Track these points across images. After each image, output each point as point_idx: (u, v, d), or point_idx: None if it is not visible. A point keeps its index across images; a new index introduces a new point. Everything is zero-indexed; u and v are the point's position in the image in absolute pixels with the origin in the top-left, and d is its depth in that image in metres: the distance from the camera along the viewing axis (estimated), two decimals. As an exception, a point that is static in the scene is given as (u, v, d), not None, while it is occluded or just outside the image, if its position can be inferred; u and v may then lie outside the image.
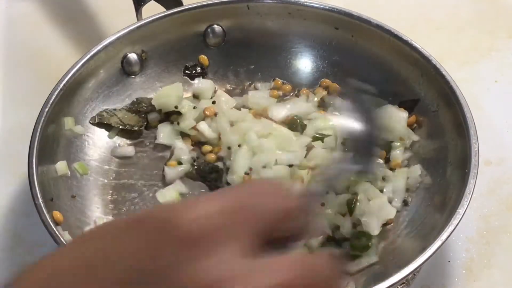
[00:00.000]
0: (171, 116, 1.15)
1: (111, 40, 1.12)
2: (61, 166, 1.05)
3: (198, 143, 1.13)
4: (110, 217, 1.06)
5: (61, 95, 1.05)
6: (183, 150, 1.10)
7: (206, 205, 0.51)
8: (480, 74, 1.31)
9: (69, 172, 1.06)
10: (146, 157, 1.13)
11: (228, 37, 1.21)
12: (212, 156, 1.10)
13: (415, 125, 1.12)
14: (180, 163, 1.09)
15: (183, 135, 1.14)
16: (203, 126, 1.13)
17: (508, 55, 1.35)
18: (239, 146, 1.08)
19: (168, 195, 1.07)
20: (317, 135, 1.11)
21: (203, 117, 1.15)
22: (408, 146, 1.10)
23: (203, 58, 1.20)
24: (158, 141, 1.12)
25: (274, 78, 1.20)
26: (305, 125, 1.12)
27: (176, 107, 1.13)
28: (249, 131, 1.08)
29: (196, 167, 1.09)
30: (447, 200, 0.99)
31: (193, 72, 1.20)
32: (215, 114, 1.14)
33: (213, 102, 1.16)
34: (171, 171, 1.08)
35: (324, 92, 1.18)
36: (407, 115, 1.11)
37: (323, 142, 1.09)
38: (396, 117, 1.11)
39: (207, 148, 1.12)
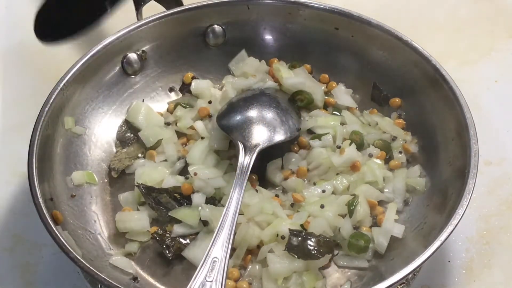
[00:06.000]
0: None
1: (111, 40, 1.12)
2: (77, 176, 1.06)
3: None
4: (109, 216, 1.06)
5: (61, 95, 1.06)
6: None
7: None
8: (480, 74, 1.32)
9: (85, 182, 1.07)
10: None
11: (228, 37, 1.22)
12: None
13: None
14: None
15: (179, 134, 1.15)
16: (199, 125, 1.13)
17: (508, 55, 1.35)
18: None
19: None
20: (316, 134, 1.11)
21: (200, 116, 1.16)
22: (402, 146, 1.11)
23: (187, 77, 1.21)
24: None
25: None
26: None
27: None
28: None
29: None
30: (447, 200, 0.99)
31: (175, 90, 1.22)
32: (209, 115, 1.15)
33: (209, 102, 1.16)
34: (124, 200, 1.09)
35: (323, 86, 1.19)
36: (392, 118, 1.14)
37: (320, 140, 1.10)
38: (384, 121, 1.13)
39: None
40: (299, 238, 0.97)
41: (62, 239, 0.91)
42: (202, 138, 1.12)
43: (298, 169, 1.08)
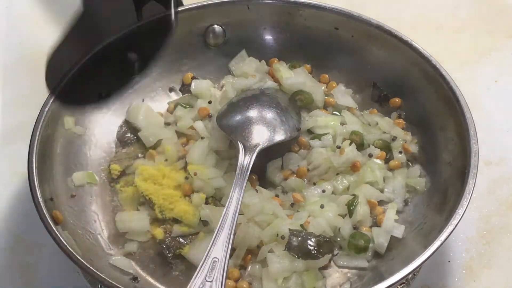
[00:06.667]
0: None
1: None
2: (78, 176, 1.07)
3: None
4: (109, 216, 1.06)
5: (61, 95, 1.05)
6: None
7: None
8: (480, 74, 1.32)
9: (86, 182, 1.07)
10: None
11: (228, 37, 1.22)
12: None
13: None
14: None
15: (179, 134, 1.15)
16: (199, 125, 1.13)
17: (508, 55, 1.35)
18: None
19: None
20: (316, 134, 1.11)
21: (200, 116, 1.16)
22: (402, 146, 1.11)
23: (187, 77, 1.21)
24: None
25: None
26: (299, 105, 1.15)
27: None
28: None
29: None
30: (446, 200, 0.99)
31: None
32: (209, 115, 1.15)
33: (209, 102, 1.16)
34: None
35: (323, 86, 1.19)
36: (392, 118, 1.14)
37: (320, 140, 1.10)
38: (384, 121, 1.14)
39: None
40: (299, 238, 0.97)
41: (62, 239, 0.91)
42: (202, 138, 1.12)
43: (298, 169, 1.08)
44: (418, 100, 1.13)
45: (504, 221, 1.11)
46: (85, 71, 1.09)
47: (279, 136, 1.08)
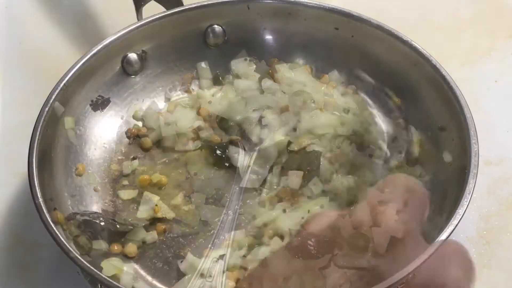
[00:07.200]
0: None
1: (111, 40, 1.12)
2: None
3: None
4: (109, 216, 1.06)
5: (61, 95, 1.06)
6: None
7: None
8: (480, 74, 1.31)
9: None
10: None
11: (228, 37, 1.22)
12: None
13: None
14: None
15: (179, 134, 1.15)
16: (199, 125, 1.14)
17: (508, 55, 1.35)
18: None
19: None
20: (316, 134, 1.11)
21: (200, 116, 1.16)
22: (402, 146, 1.11)
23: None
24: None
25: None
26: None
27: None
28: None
29: None
30: (447, 200, 0.99)
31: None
32: (209, 115, 1.15)
33: (209, 102, 1.16)
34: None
35: (323, 86, 1.19)
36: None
37: (320, 140, 1.10)
38: (384, 121, 1.14)
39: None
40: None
41: (62, 239, 0.91)
42: (202, 138, 1.12)
43: (298, 170, 1.08)
44: (418, 100, 1.13)
45: (504, 221, 1.11)
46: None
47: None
